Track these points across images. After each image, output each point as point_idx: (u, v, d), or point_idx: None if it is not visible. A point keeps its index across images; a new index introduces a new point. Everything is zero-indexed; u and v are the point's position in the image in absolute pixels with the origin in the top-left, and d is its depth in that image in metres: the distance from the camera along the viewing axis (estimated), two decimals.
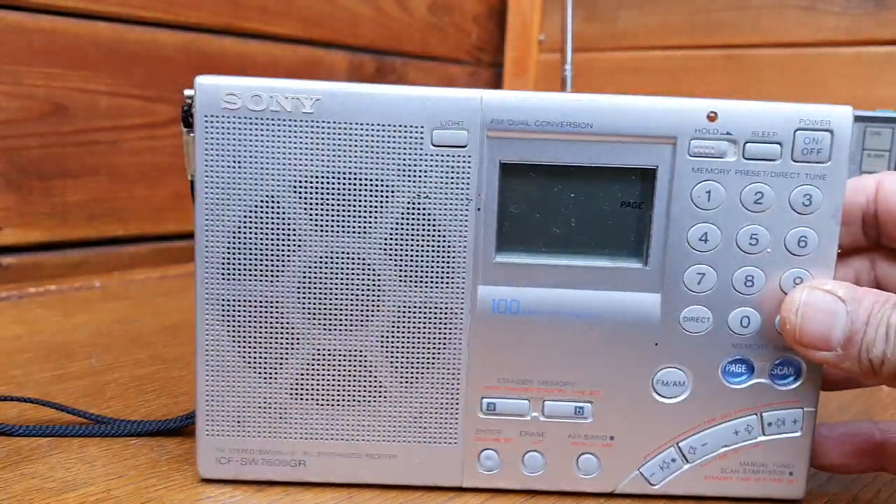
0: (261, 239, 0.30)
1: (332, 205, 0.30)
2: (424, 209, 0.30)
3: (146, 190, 0.73)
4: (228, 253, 0.30)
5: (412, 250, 0.30)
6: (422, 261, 0.30)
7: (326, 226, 0.30)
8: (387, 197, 0.30)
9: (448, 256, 0.30)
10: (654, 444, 0.32)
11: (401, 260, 0.30)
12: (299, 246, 0.30)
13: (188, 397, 0.41)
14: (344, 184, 0.30)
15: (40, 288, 0.63)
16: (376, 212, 0.30)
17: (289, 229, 0.30)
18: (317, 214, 0.30)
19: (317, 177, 0.30)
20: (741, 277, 0.31)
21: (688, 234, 0.30)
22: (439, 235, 0.30)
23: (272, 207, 0.30)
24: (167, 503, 0.30)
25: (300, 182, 0.30)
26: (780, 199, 0.30)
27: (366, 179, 0.30)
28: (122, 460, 0.33)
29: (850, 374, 0.30)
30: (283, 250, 0.30)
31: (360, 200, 0.30)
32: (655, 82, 0.86)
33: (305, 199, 0.30)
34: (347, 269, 0.30)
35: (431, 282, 0.31)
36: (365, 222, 0.30)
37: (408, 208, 0.30)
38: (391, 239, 0.30)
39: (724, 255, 0.30)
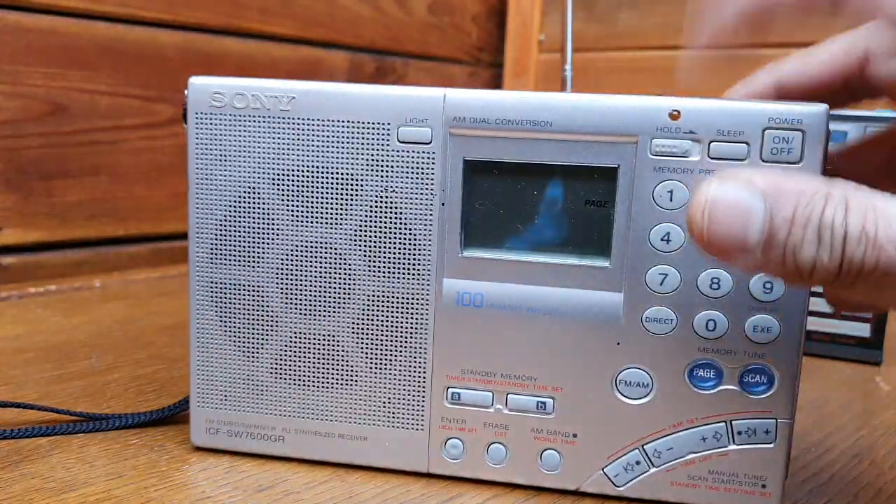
0: (244, 227, 0.32)
1: (307, 197, 0.32)
2: (391, 203, 0.31)
3: (146, 190, 0.73)
4: (216, 239, 0.33)
5: (380, 242, 0.32)
6: (389, 252, 0.32)
7: (302, 216, 0.32)
8: (356, 190, 0.32)
9: (413, 249, 0.32)
10: (618, 444, 0.32)
11: (370, 250, 0.32)
12: (278, 235, 0.32)
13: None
14: (317, 177, 0.32)
15: (40, 288, 0.63)
16: (347, 204, 0.32)
17: (268, 219, 0.32)
18: (293, 205, 0.32)
19: (293, 170, 0.32)
20: (706, 279, 0.30)
21: (650, 234, 0.30)
22: (405, 228, 0.32)
23: (254, 198, 0.32)
24: (167, 503, 0.30)
25: (278, 175, 0.32)
26: None
27: (337, 173, 0.32)
28: (122, 460, 0.33)
29: (776, 278, 0.26)
30: (263, 238, 0.32)
31: (332, 193, 0.32)
32: (655, 82, 0.83)
33: (283, 190, 0.32)
34: (321, 257, 0.32)
35: (398, 272, 0.32)
36: (336, 214, 0.32)
37: (375, 201, 0.32)
38: (361, 230, 0.32)
39: (688, 257, 0.30)
